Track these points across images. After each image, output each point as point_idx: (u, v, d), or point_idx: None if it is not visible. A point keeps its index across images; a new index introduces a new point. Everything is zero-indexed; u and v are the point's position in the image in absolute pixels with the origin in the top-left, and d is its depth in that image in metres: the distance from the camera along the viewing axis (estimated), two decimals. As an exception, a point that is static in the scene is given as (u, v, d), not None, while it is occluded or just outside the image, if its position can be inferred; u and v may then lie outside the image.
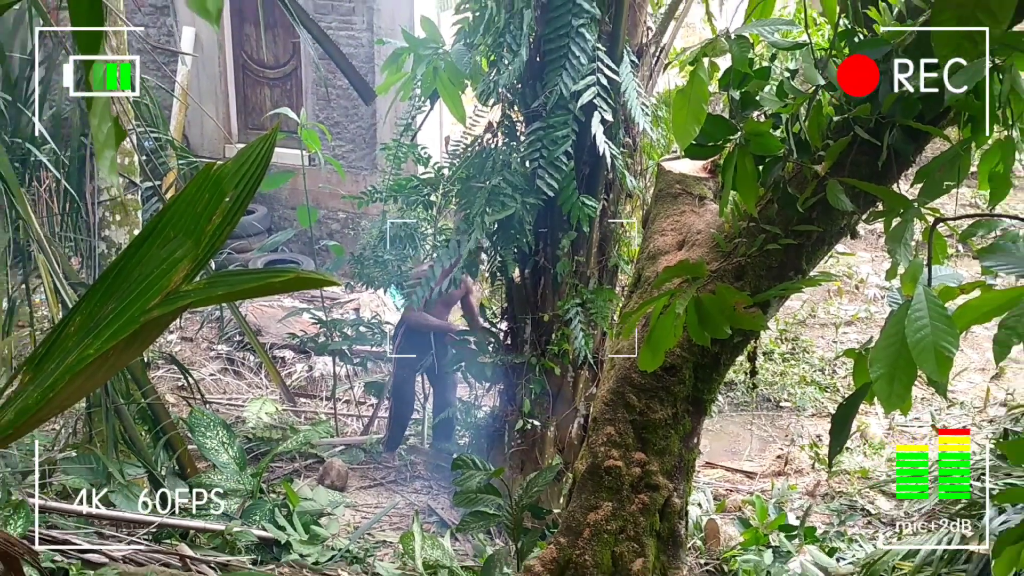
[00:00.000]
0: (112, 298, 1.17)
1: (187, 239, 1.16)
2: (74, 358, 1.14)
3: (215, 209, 1.16)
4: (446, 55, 6.06)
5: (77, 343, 1.16)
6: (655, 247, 3.80)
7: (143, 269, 1.17)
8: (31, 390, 1.16)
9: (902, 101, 2.93)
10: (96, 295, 1.20)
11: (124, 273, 1.19)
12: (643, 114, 5.74)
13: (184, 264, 1.15)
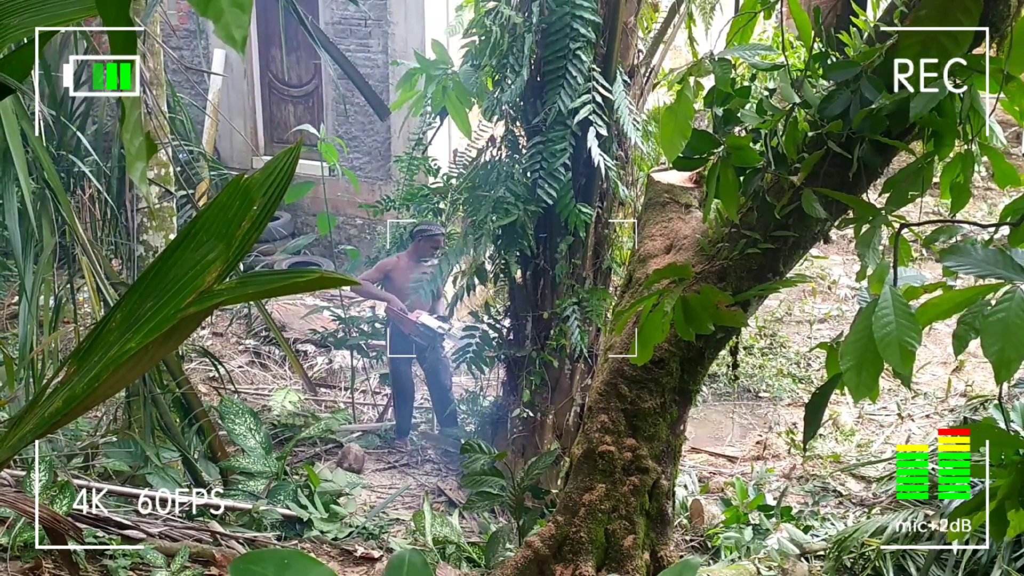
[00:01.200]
0: (150, 296, 1.17)
1: (219, 243, 1.16)
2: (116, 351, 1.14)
3: (244, 216, 1.17)
4: (454, 75, 6.07)
5: (119, 337, 1.16)
6: (645, 251, 3.81)
7: (179, 270, 1.17)
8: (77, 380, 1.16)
9: (870, 118, 2.93)
10: (136, 294, 1.20)
11: (161, 274, 1.19)
12: (635, 129, 5.74)
13: (216, 265, 1.16)
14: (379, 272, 7.38)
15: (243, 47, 0.75)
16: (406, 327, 7.28)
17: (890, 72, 2.81)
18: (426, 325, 7.19)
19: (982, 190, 11.75)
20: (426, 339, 7.28)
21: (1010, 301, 1.96)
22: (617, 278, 6.47)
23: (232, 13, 0.73)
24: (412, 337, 7.31)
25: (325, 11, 10.69)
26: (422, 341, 7.31)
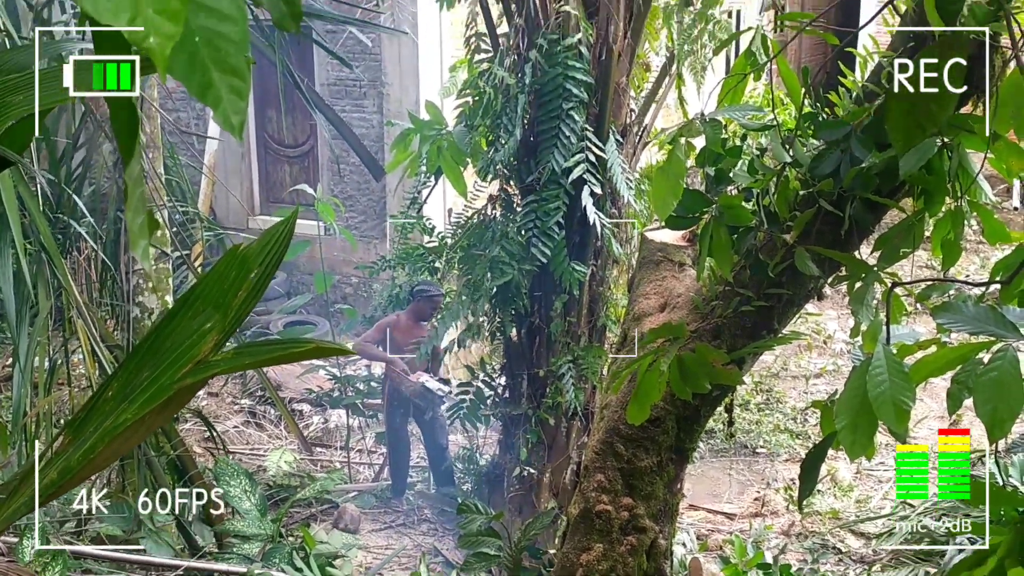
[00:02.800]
0: (146, 366, 1.17)
1: (216, 312, 1.17)
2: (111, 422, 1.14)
3: (241, 285, 1.18)
4: (449, 135, 6.12)
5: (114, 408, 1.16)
6: (640, 309, 3.81)
7: (175, 339, 1.18)
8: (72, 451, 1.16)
9: (861, 177, 2.97)
10: (132, 363, 1.20)
11: (158, 343, 1.20)
12: (628, 188, 5.78)
13: (213, 335, 1.16)
14: (378, 332, 7.40)
15: (240, 133, 0.77)
16: (407, 388, 7.27)
17: (879, 131, 2.85)
18: (427, 387, 7.19)
19: (975, 243, 11.80)
20: (427, 401, 7.27)
21: (1002, 359, 1.96)
22: (612, 335, 6.47)
23: (230, 100, 0.74)
24: (413, 399, 7.30)
25: (321, 72, 10.81)
26: (423, 403, 7.30)
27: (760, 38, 3.09)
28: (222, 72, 0.73)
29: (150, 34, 0.66)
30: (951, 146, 2.91)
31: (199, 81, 0.73)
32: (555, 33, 5.66)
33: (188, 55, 0.72)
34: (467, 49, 6.30)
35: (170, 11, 0.67)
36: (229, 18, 0.74)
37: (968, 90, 2.92)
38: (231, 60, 0.74)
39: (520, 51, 5.82)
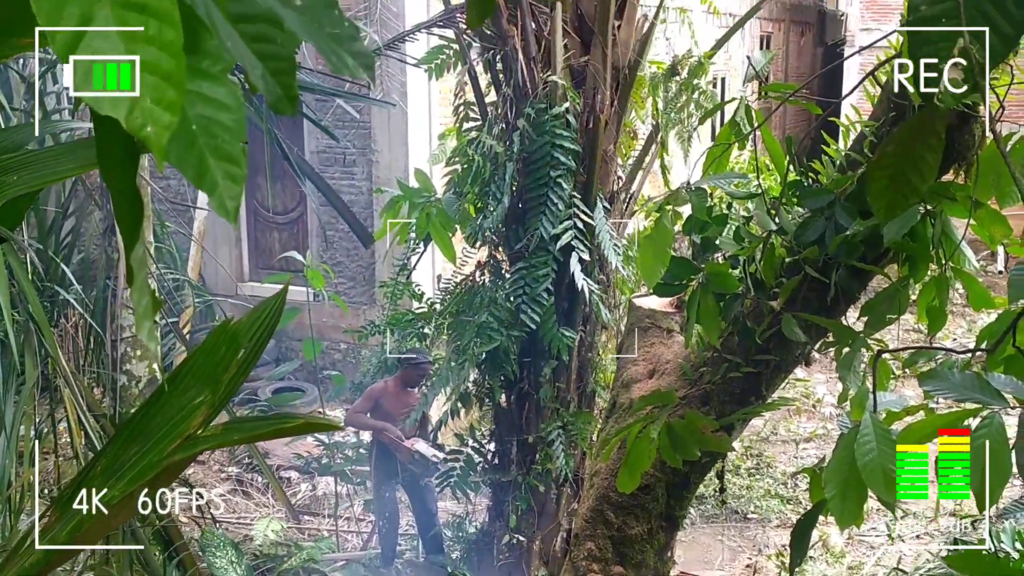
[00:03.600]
0: (136, 442, 1.17)
1: (206, 387, 1.18)
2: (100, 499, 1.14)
3: (231, 360, 1.18)
4: (438, 203, 6.16)
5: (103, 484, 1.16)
6: (628, 376, 3.82)
7: (165, 415, 1.18)
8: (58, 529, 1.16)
9: (846, 244, 3.00)
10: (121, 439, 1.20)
11: (147, 418, 1.20)
12: (615, 254, 5.81)
13: (202, 410, 1.17)
14: (368, 400, 7.38)
15: (235, 218, 0.78)
16: (402, 455, 7.23)
17: (863, 199, 2.89)
18: (421, 453, 7.14)
19: (961, 307, 11.88)
20: (422, 467, 7.22)
21: (989, 427, 1.97)
22: (602, 401, 6.46)
23: (226, 186, 0.76)
24: (408, 465, 7.25)
25: (311, 141, 10.91)
26: (418, 469, 7.25)
27: (744, 108, 3.15)
28: (218, 159, 0.75)
29: (148, 124, 0.68)
30: (934, 213, 2.96)
31: (195, 168, 0.75)
32: (543, 102, 5.74)
33: (185, 142, 0.73)
34: (456, 118, 6.37)
35: (167, 101, 0.69)
36: (226, 107, 0.76)
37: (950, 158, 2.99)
38: (227, 147, 0.76)
39: (508, 120, 5.89)
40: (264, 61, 0.78)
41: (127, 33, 0.68)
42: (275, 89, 0.79)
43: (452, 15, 6.01)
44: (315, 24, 0.82)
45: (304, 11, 0.81)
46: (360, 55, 0.84)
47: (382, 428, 7.29)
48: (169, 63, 0.69)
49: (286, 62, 0.79)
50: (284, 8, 0.80)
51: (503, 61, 5.91)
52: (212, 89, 0.75)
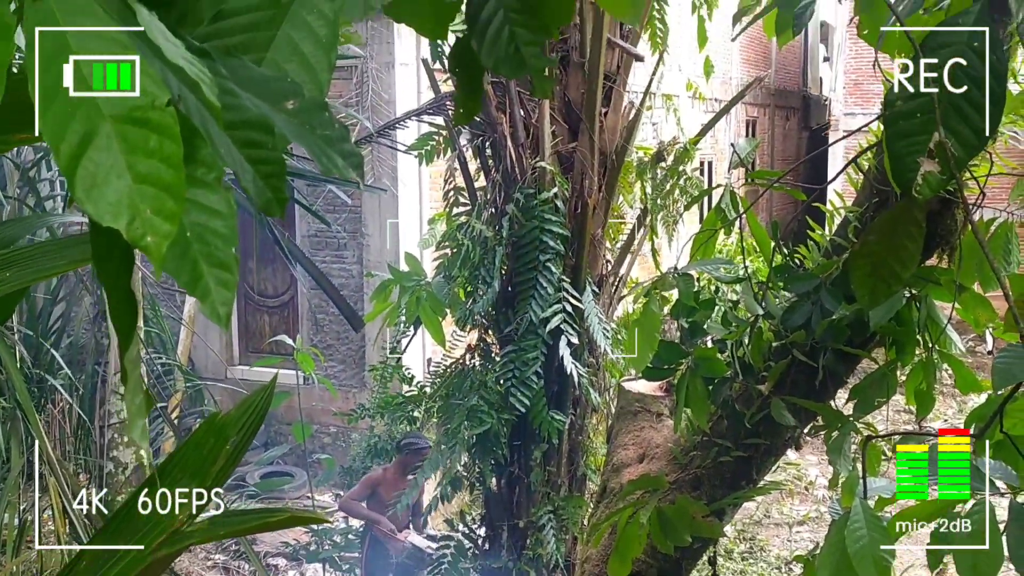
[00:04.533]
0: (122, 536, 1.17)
1: (193, 481, 1.18)
2: (85, 596, 1.13)
3: (218, 454, 1.19)
4: (428, 286, 6.18)
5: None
6: (618, 460, 3.81)
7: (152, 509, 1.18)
8: (43, 627, 1.14)
9: (832, 328, 3.02)
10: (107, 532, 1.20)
11: (133, 512, 1.20)
12: (605, 337, 5.82)
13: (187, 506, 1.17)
14: (365, 487, 7.29)
15: (227, 323, 0.80)
16: (395, 549, 7.12)
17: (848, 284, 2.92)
18: (416, 546, 7.04)
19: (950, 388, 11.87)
20: (417, 560, 7.11)
21: (979, 513, 1.97)
22: (593, 485, 6.41)
23: (218, 292, 0.78)
24: (403, 559, 7.13)
25: (302, 224, 10.98)
26: (412, 563, 7.13)
27: (729, 195, 3.20)
28: (211, 266, 0.77)
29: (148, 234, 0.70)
30: (919, 297, 2.99)
31: (189, 275, 0.77)
32: (531, 187, 5.80)
33: (180, 250, 0.75)
34: (446, 202, 6.44)
35: (167, 211, 0.71)
36: (219, 214, 0.78)
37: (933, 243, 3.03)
38: (220, 254, 0.78)
39: (497, 205, 5.95)
40: (255, 165, 0.80)
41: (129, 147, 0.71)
42: (265, 192, 0.81)
43: (442, 103, 6.11)
44: (306, 127, 0.84)
45: (295, 114, 0.84)
46: (350, 155, 0.86)
47: (375, 520, 7.19)
48: (169, 175, 0.71)
49: (276, 165, 0.81)
50: (275, 112, 0.83)
51: (492, 147, 5.99)
52: (207, 197, 0.78)
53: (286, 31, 1.03)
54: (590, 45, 5.68)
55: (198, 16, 1.02)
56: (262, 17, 1.03)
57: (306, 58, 1.02)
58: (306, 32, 1.03)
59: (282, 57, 1.03)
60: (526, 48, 1.11)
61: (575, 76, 5.91)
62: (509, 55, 1.10)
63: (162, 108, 0.71)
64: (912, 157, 1.37)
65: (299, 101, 0.85)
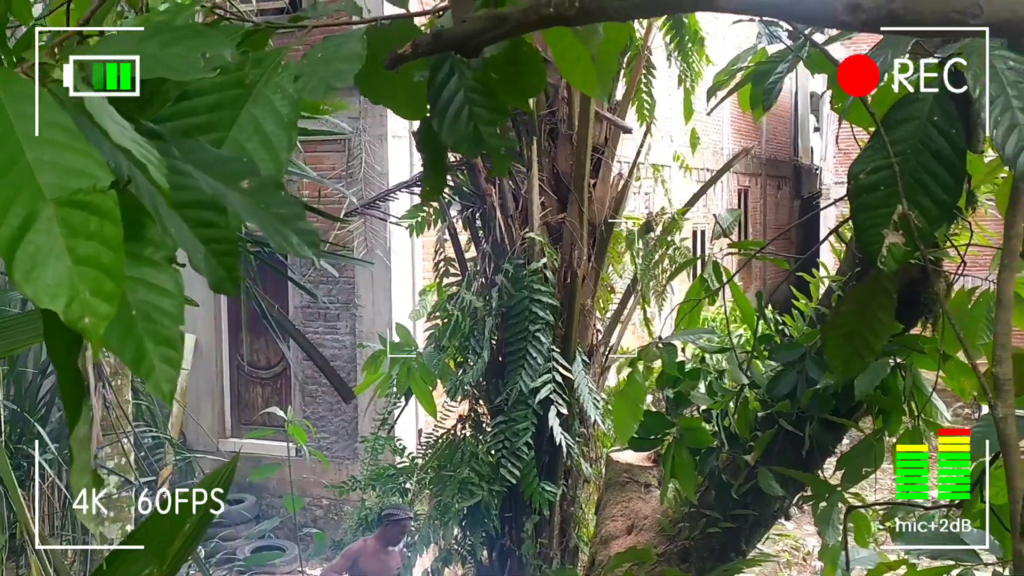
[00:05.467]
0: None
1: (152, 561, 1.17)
2: None
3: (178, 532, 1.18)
4: (419, 357, 6.17)
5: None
6: (607, 532, 3.77)
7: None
8: None
9: (818, 397, 3.02)
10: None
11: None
12: (595, 407, 5.81)
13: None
14: (346, 560, 7.19)
15: (171, 400, 0.80)
16: None
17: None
18: None
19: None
20: None
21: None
22: (584, 556, 6.34)
23: (162, 369, 0.78)
24: None
25: (294, 296, 10.99)
26: None
27: (712, 266, 3.22)
28: (156, 343, 0.78)
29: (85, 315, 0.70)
30: (904, 366, 2.99)
31: (133, 354, 0.77)
32: (521, 258, 5.84)
33: (124, 328, 0.76)
34: (436, 273, 6.46)
35: (106, 293, 0.71)
36: (167, 292, 0.79)
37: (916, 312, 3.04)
38: (166, 332, 0.78)
39: (487, 275, 5.98)
40: (207, 244, 0.81)
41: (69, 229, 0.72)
42: (218, 271, 0.82)
43: (432, 175, 6.16)
44: (260, 205, 0.86)
45: (250, 193, 0.85)
46: (304, 233, 0.87)
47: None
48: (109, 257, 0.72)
49: (228, 244, 0.82)
50: (230, 191, 0.84)
51: (482, 218, 6.04)
52: (155, 275, 0.79)
53: (249, 110, 1.05)
54: (578, 118, 5.76)
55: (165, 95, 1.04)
56: (226, 97, 1.06)
57: (268, 137, 1.04)
58: (269, 111, 1.05)
59: (244, 136, 1.05)
60: (484, 128, 1.13)
61: (564, 148, 5.99)
62: (468, 134, 1.13)
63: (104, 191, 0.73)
64: (876, 230, 1.39)
65: (254, 180, 0.87)
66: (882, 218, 1.38)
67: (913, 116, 1.39)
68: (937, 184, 1.37)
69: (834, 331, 1.79)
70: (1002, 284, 1.40)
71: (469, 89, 1.13)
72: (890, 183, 1.38)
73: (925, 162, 1.37)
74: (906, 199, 1.37)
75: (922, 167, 1.38)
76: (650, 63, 6.21)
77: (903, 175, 1.38)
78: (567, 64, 1.27)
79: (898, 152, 1.38)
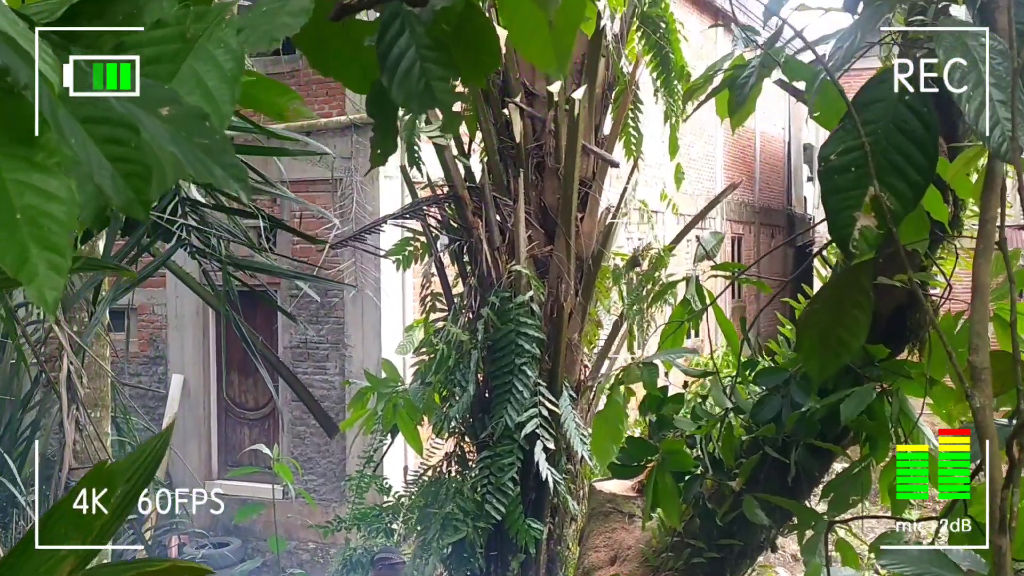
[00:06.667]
0: (0, 597, 1.09)
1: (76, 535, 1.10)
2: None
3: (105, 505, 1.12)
4: (405, 393, 6.11)
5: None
6: (589, 563, 3.68)
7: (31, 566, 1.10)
8: None
9: (803, 422, 2.95)
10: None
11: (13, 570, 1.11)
12: (582, 443, 5.73)
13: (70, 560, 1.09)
14: None
15: (54, 309, 0.75)
16: None
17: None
18: None
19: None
20: None
21: (947, 599, 1.88)
22: (571, 595, 6.22)
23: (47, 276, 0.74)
24: None
25: (284, 336, 10.93)
26: None
27: (694, 287, 3.17)
28: (41, 248, 0.73)
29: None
30: (891, 392, 2.93)
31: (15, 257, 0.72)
32: (507, 291, 5.79)
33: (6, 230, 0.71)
34: (423, 308, 6.41)
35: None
36: (57, 199, 0.74)
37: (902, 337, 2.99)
38: (54, 237, 0.74)
39: (474, 309, 5.93)
40: (115, 163, 0.77)
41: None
42: (126, 191, 0.77)
43: (419, 208, 6.14)
44: (181, 134, 0.81)
45: (170, 120, 0.80)
46: (230, 167, 0.82)
47: None
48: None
49: (139, 165, 0.77)
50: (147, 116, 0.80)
51: (469, 252, 6.00)
52: (45, 181, 0.74)
53: (191, 64, 1.01)
54: (565, 151, 5.74)
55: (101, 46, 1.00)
56: (165, 51, 1.01)
57: (209, 91, 1.00)
58: (211, 65, 1.01)
59: (185, 90, 1.00)
60: (436, 83, 1.09)
61: (551, 181, 5.97)
62: (419, 90, 1.08)
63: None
64: (847, 212, 1.34)
65: (175, 108, 0.82)
66: (853, 200, 1.33)
67: (884, 96, 1.35)
68: (910, 165, 1.33)
69: (808, 331, 1.74)
70: (977, 271, 1.35)
71: (420, 45, 1.09)
72: (861, 164, 1.34)
73: (897, 142, 1.33)
74: (878, 180, 1.33)
75: (894, 147, 1.33)
76: (637, 98, 6.22)
77: (874, 156, 1.33)
78: (523, 36, 1.23)
79: (869, 132, 1.34)
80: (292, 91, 1.44)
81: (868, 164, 1.33)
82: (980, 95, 1.24)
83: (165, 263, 4.48)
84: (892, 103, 1.34)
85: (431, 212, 6.15)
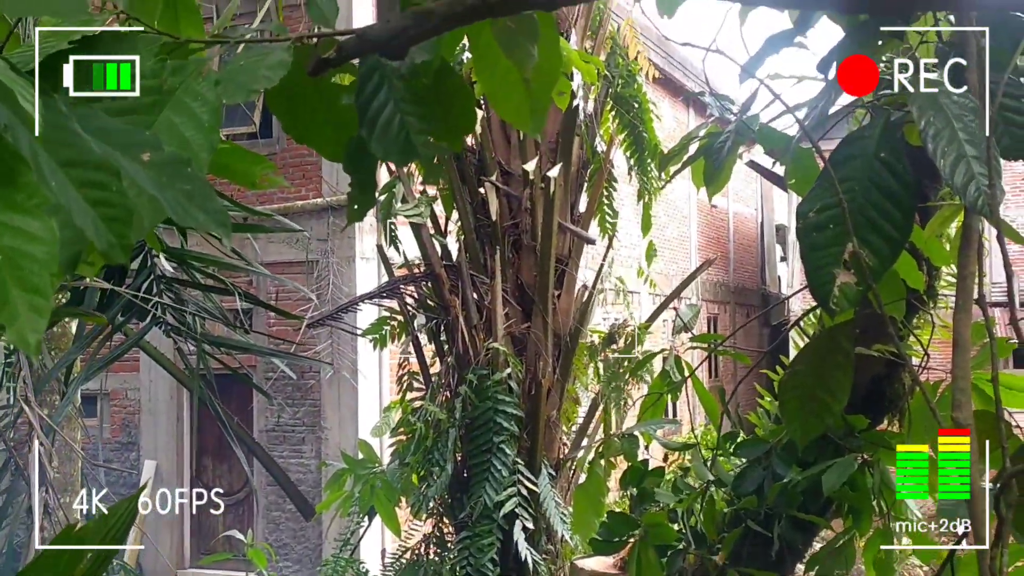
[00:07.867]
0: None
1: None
2: None
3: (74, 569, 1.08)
4: (382, 474, 6.02)
5: None
6: (572, 644, 3.61)
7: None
8: None
9: (785, 494, 2.93)
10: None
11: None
12: (562, 522, 5.65)
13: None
14: None
15: (37, 351, 0.74)
16: None
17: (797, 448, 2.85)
18: None
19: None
20: None
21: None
22: None
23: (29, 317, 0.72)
24: None
25: (260, 419, 10.81)
26: None
27: (673, 359, 3.16)
28: (22, 290, 0.72)
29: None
30: (872, 463, 2.92)
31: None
32: (485, 368, 5.76)
33: (-14, 275, 0.70)
34: (400, 388, 6.37)
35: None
36: (38, 239, 0.73)
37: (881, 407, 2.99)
38: (34, 279, 0.73)
39: (451, 387, 5.89)
40: (96, 207, 0.76)
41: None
42: (107, 236, 0.76)
43: (396, 286, 6.13)
44: (163, 179, 0.80)
45: (152, 167, 0.80)
46: (213, 212, 0.82)
47: None
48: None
49: (120, 210, 0.77)
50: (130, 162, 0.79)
51: (446, 330, 5.99)
52: (25, 222, 0.73)
53: (168, 115, 1.01)
54: (541, 229, 5.78)
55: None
56: (142, 102, 1.01)
57: (186, 141, 1.00)
58: (188, 117, 1.02)
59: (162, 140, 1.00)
60: (416, 136, 1.09)
61: (527, 259, 5.99)
62: (399, 143, 1.09)
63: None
64: (827, 269, 1.35)
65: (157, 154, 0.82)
66: (832, 257, 1.34)
67: (859, 153, 1.37)
68: (887, 221, 1.34)
69: (790, 393, 1.73)
70: (957, 325, 1.35)
71: (399, 99, 1.10)
72: (839, 222, 1.34)
73: (874, 199, 1.34)
74: (856, 237, 1.34)
75: (871, 204, 1.34)
76: (612, 176, 6.28)
77: (852, 213, 1.34)
78: (499, 95, 1.24)
79: (846, 190, 1.35)
80: (265, 160, 1.44)
81: (846, 221, 1.33)
82: (955, 150, 1.25)
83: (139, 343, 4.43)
84: (868, 160, 1.36)
85: (408, 291, 6.15)
